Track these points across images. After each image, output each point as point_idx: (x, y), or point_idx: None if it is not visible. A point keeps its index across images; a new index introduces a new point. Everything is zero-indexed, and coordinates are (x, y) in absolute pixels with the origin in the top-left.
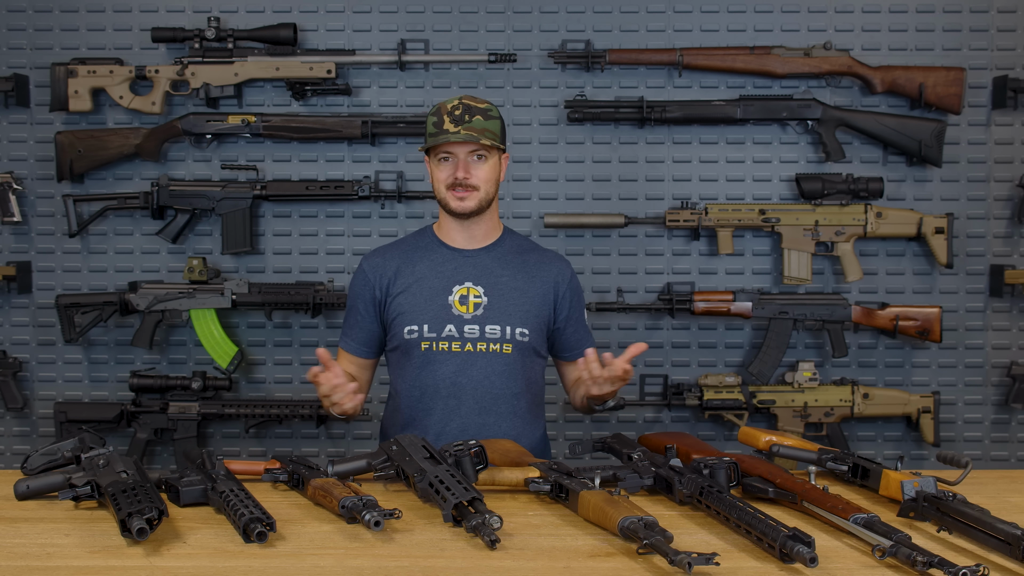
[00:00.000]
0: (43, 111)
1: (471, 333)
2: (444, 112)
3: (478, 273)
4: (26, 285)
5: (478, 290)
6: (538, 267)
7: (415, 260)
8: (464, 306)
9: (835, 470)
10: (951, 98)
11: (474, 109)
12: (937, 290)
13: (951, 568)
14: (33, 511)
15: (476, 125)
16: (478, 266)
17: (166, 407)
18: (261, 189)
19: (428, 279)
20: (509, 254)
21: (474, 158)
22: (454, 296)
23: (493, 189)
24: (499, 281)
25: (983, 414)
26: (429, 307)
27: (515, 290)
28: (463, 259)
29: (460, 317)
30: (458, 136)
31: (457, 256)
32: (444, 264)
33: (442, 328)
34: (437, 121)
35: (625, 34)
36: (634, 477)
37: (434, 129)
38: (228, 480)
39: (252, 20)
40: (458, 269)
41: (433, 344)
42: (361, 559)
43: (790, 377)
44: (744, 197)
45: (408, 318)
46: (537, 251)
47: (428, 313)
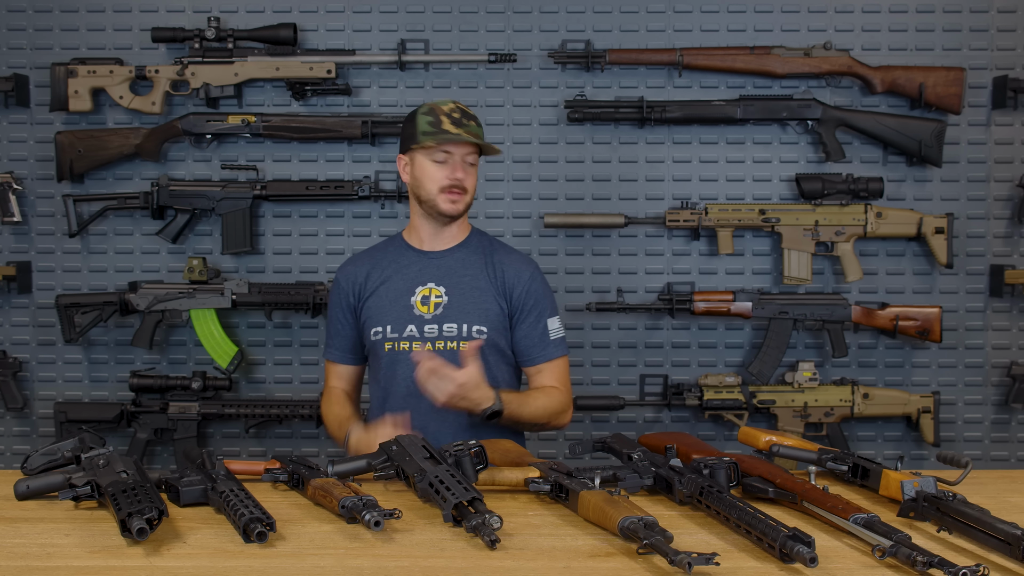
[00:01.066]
0: (43, 111)
1: (430, 332)
2: (441, 113)
3: (441, 274)
4: (26, 285)
5: (440, 290)
6: (500, 266)
7: (384, 265)
8: (425, 306)
9: (835, 470)
10: (951, 98)
11: (469, 115)
12: (937, 290)
13: (951, 568)
14: (33, 511)
15: (473, 130)
16: (442, 267)
17: (166, 407)
18: (261, 189)
19: (393, 281)
20: (473, 254)
21: (467, 164)
22: (416, 297)
23: (473, 195)
24: (461, 281)
25: (983, 414)
26: (393, 308)
27: (476, 289)
28: (428, 260)
29: (421, 317)
30: (463, 137)
31: (422, 258)
32: (409, 266)
33: (404, 328)
34: (434, 121)
35: (625, 34)
36: (634, 477)
37: (430, 128)
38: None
39: (252, 20)
40: (422, 270)
41: (395, 344)
42: (361, 559)
43: (790, 377)
44: (744, 197)
45: (374, 320)
46: (503, 250)
47: (392, 314)
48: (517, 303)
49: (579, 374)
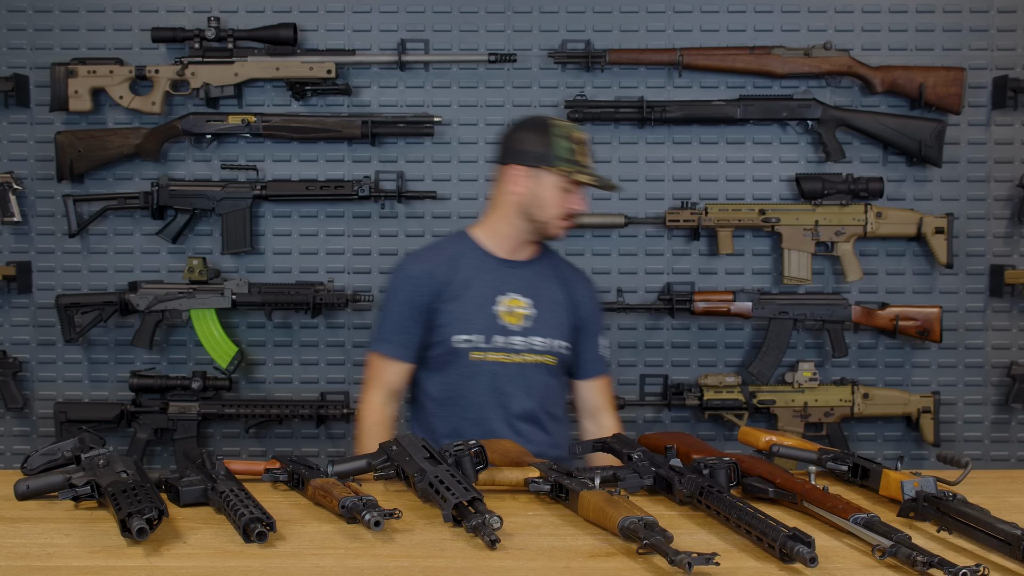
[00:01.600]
0: (43, 111)
1: (519, 344)
2: (576, 140)
3: (523, 284)
4: (26, 285)
5: (524, 302)
6: (569, 282)
7: (460, 267)
8: (512, 317)
9: (835, 470)
10: (951, 98)
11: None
12: (937, 290)
13: (951, 568)
14: (33, 511)
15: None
16: (523, 278)
17: (166, 407)
18: (261, 189)
19: (474, 287)
20: (548, 268)
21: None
22: (500, 306)
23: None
24: (543, 294)
25: (983, 414)
26: (478, 316)
27: (556, 304)
28: (508, 269)
29: (507, 328)
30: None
31: (503, 266)
32: (489, 272)
33: (491, 338)
34: (569, 148)
35: (625, 34)
36: (634, 477)
37: (569, 156)
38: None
39: (252, 20)
40: (503, 279)
41: (485, 355)
42: (361, 559)
43: (790, 377)
44: (744, 197)
45: (458, 327)
46: (565, 265)
47: (478, 323)
48: (582, 319)
49: None
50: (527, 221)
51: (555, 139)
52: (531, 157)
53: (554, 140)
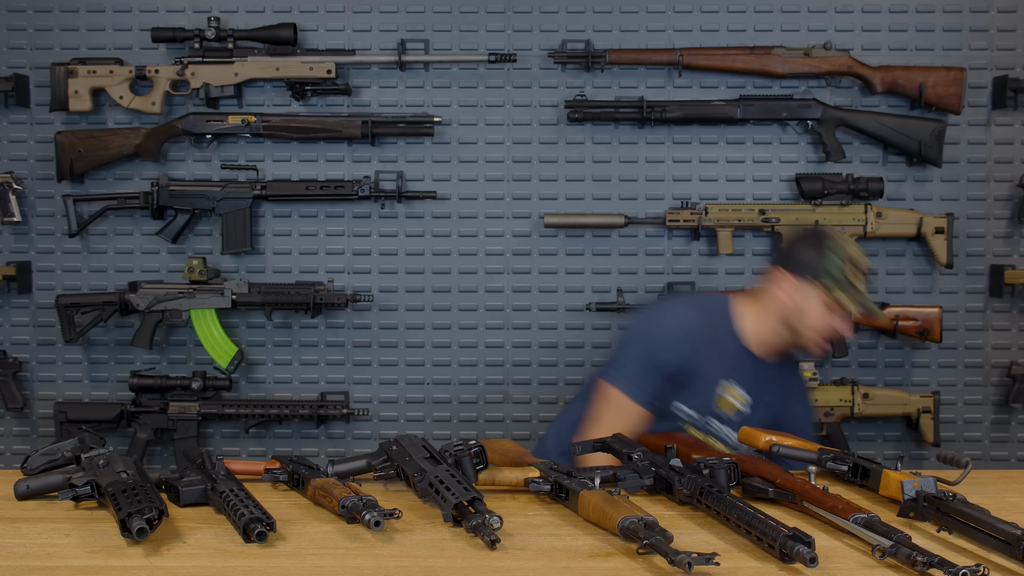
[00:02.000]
0: (43, 111)
1: (720, 431)
2: (859, 264)
3: (752, 381)
4: (26, 285)
5: (744, 396)
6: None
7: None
8: (727, 405)
9: (835, 470)
10: (951, 98)
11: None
12: (937, 290)
13: (951, 568)
14: (33, 511)
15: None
16: (757, 375)
17: (166, 407)
18: (261, 189)
19: (713, 366)
20: (782, 371)
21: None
22: (722, 390)
23: None
24: (764, 397)
25: (983, 414)
26: (700, 393)
27: (769, 410)
28: (750, 362)
29: (717, 412)
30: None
31: (747, 357)
32: (730, 357)
33: (705, 418)
34: (846, 270)
35: (625, 34)
36: (634, 477)
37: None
38: (228, 480)
39: (252, 20)
40: (736, 367)
41: (691, 428)
42: (361, 559)
43: None
44: (744, 197)
45: (681, 395)
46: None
47: (699, 398)
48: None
49: (579, 374)
50: (787, 329)
51: (832, 257)
52: (802, 267)
53: (828, 255)
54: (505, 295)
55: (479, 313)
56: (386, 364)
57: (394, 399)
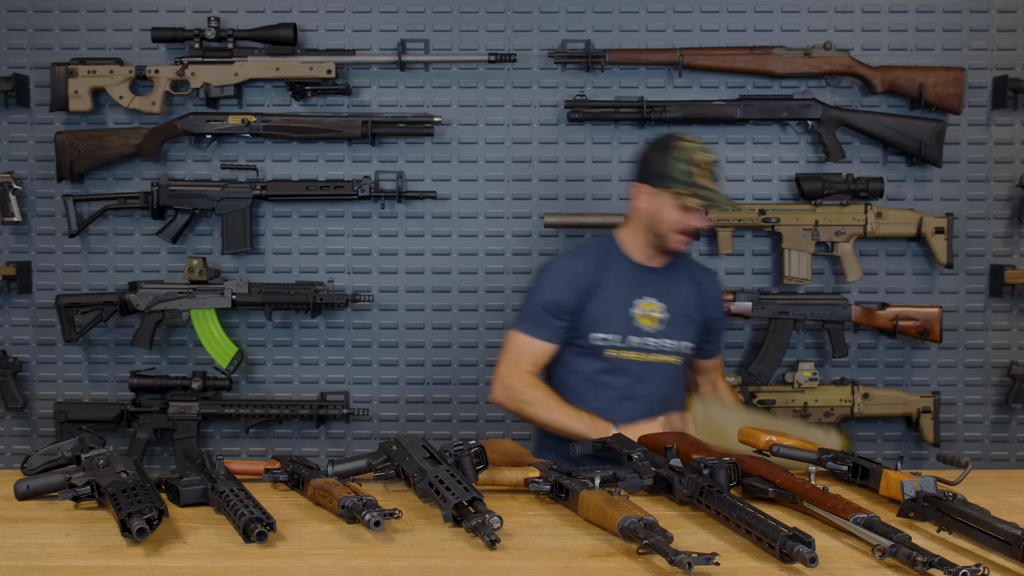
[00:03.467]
0: (43, 111)
1: (651, 345)
2: (695, 163)
3: (658, 289)
4: (26, 285)
5: (659, 306)
6: (699, 283)
7: (606, 269)
8: (647, 320)
9: (835, 470)
10: (951, 98)
11: (717, 169)
12: (937, 290)
13: (951, 568)
14: (33, 511)
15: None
16: (659, 283)
17: (166, 407)
18: (261, 189)
19: (615, 289)
20: (681, 271)
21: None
22: (637, 309)
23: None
24: (676, 299)
25: (983, 414)
26: (616, 317)
27: (687, 307)
28: (645, 274)
29: (640, 329)
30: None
31: (641, 271)
32: (629, 277)
33: (626, 339)
34: (689, 171)
35: (625, 34)
36: (634, 477)
37: (685, 178)
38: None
39: (252, 20)
40: (641, 283)
41: (618, 352)
42: (361, 559)
43: (790, 377)
44: (744, 197)
45: (597, 325)
46: (699, 268)
47: (615, 323)
48: (710, 317)
49: None
50: (651, 234)
51: (674, 162)
52: (653, 177)
53: (672, 162)
54: (505, 295)
55: (479, 313)
56: (386, 364)
57: (394, 399)
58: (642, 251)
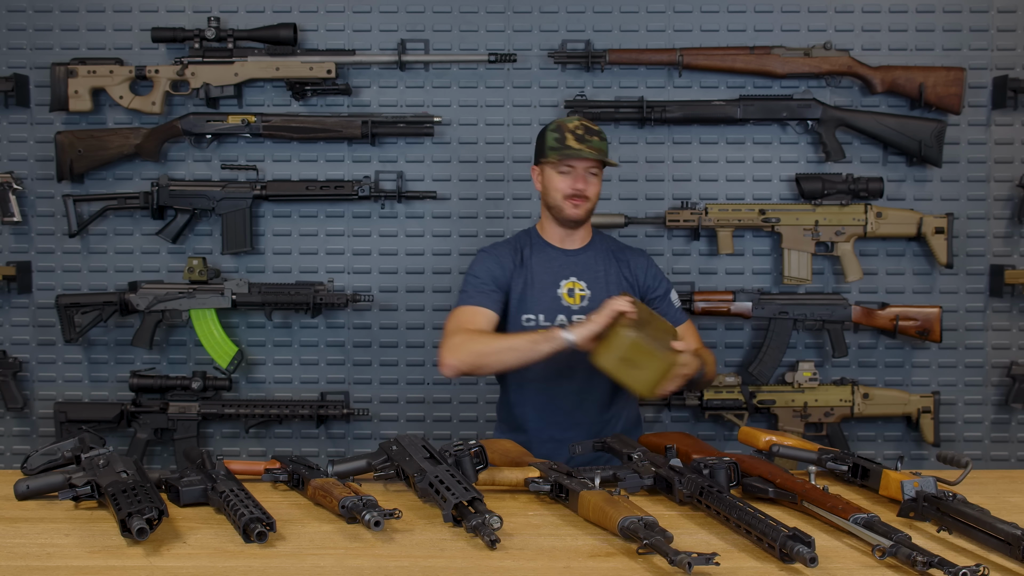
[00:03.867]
0: (43, 111)
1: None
2: (566, 130)
3: (580, 269)
4: (26, 285)
5: (581, 284)
6: (624, 259)
7: (527, 256)
8: (572, 298)
9: (835, 470)
10: (951, 98)
11: (592, 131)
12: (937, 290)
13: (951, 568)
14: (33, 511)
15: (595, 145)
16: (579, 263)
17: (166, 407)
18: (261, 189)
19: (539, 274)
20: (601, 252)
21: (589, 173)
22: (562, 289)
23: (596, 201)
24: (598, 275)
25: (983, 414)
26: (542, 299)
27: (612, 282)
28: (566, 257)
29: (569, 308)
30: (584, 153)
31: (561, 255)
32: (551, 261)
33: (555, 317)
34: (559, 137)
35: (625, 34)
36: (634, 477)
37: (556, 144)
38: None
39: (252, 20)
40: (563, 266)
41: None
42: (361, 559)
43: (790, 377)
44: (744, 197)
45: (526, 307)
46: (622, 248)
47: (542, 304)
48: (646, 286)
49: None
50: (549, 210)
51: (548, 134)
52: (536, 157)
53: (547, 135)
54: None
55: None
56: (386, 364)
57: (394, 399)
58: (556, 234)
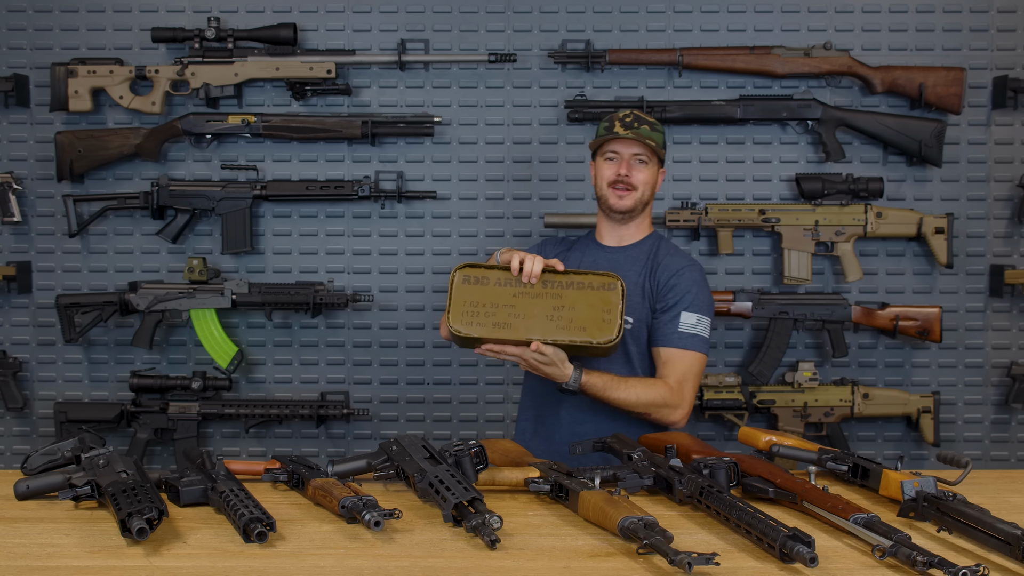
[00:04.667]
0: (43, 111)
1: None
2: (616, 119)
3: (609, 266)
4: (26, 285)
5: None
6: (658, 260)
7: (571, 250)
8: None
9: (835, 470)
10: (951, 98)
11: (643, 120)
12: (937, 290)
13: (951, 568)
14: (33, 511)
15: (644, 133)
16: (612, 261)
17: (166, 407)
18: (261, 189)
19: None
20: (643, 253)
21: (637, 161)
22: None
23: (649, 193)
24: (624, 276)
25: (983, 414)
26: None
27: (634, 284)
28: (603, 254)
29: None
30: (627, 135)
31: (600, 251)
32: (587, 255)
33: None
34: (608, 125)
35: (625, 34)
36: (634, 477)
37: (604, 132)
38: (228, 480)
39: (252, 20)
40: (595, 262)
41: None
42: (361, 559)
43: (790, 377)
44: (744, 197)
45: None
46: (671, 252)
47: None
48: (660, 291)
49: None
50: (599, 201)
51: (600, 127)
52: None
53: (599, 128)
54: None
55: None
56: (386, 364)
57: (394, 399)
58: (606, 231)
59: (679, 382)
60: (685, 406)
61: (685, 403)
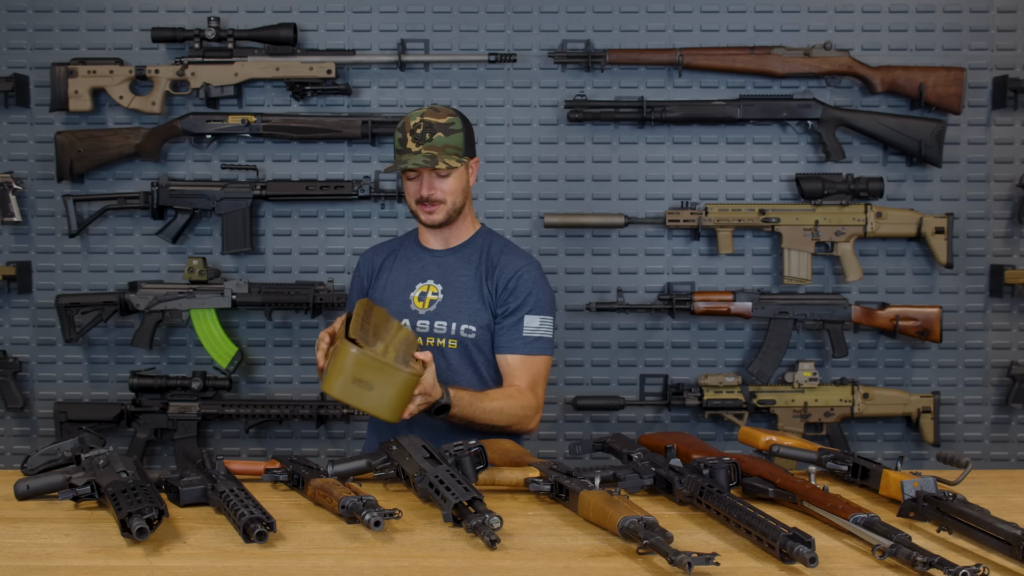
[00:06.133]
0: (43, 111)
1: (422, 328)
2: (407, 130)
3: (440, 272)
4: (26, 285)
5: (437, 287)
6: (493, 262)
7: (396, 258)
8: (422, 302)
9: (835, 470)
10: (951, 98)
11: (435, 126)
12: (937, 290)
13: (951, 568)
14: (33, 511)
15: (437, 143)
16: (442, 265)
17: (166, 407)
18: (261, 189)
19: (399, 274)
20: (475, 254)
21: (437, 176)
22: (415, 292)
23: (461, 199)
24: (458, 280)
25: (983, 414)
26: (393, 302)
27: (470, 289)
28: (431, 258)
29: (415, 312)
30: (417, 161)
31: (426, 255)
32: (415, 262)
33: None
34: (401, 139)
35: (625, 34)
36: (634, 477)
37: (399, 147)
38: (228, 480)
39: (252, 20)
40: (424, 267)
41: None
42: (361, 559)
43: (790, 377)
44: (744, 197)
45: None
46: (506, 251)
47: (391, 308)
48: (500, 295)
49: (579, 374)
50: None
51: (395, 137)
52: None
53: (395, 139)
54: None
55: None
56: None
57: None
58: (427, 234)
59: (534, 388)
60: (540, 411)
61: (540, 409)
